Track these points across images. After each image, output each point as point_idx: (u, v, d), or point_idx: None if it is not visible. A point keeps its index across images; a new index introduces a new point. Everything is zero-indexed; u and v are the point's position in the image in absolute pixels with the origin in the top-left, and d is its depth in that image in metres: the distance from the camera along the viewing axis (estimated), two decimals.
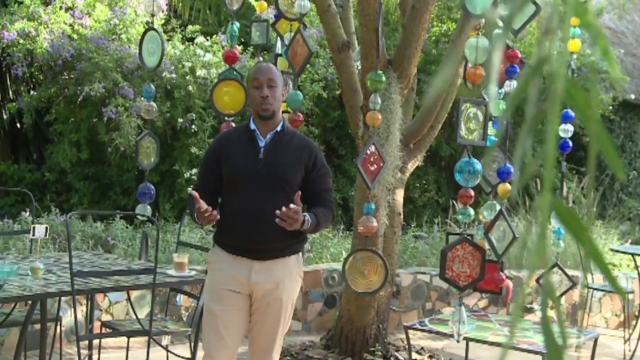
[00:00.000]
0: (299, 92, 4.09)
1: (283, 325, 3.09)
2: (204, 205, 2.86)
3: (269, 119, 3.07)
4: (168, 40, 7.23)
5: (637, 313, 6.48)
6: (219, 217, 2.91)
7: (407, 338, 4.23)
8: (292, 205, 2.81)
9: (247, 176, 3.00)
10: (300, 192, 2.90)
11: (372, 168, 3.81)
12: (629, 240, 8.04)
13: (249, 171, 3.00)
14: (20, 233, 5.57)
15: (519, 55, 3.99)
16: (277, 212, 2.81)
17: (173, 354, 4.06)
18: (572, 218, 0.54)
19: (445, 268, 3.69)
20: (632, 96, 10.90)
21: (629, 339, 5.83)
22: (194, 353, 3.86)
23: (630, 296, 6.52)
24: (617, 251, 5.97)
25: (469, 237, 3.75)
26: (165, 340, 4.13)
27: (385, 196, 4.27)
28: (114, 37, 7.22)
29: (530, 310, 6.41)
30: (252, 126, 3.09)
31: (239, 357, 3.20)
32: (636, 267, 5.90)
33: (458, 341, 3.77)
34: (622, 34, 11.74)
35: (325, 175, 3.12)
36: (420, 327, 4.19)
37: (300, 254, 3.13)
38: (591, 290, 6.08)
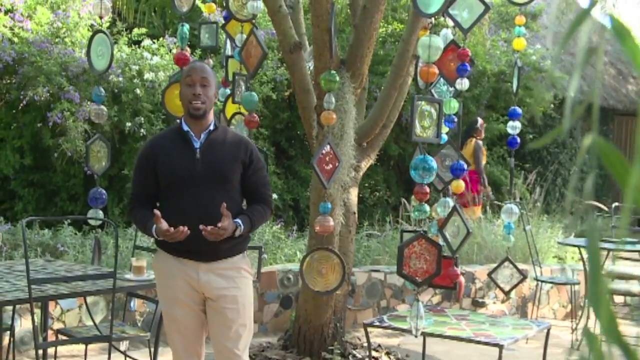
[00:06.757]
0: (254, 93, 4.09)
1: (244, 321, 3.06)
2: (165, 225, 2.86)
3: (199, 118, 3.02)
4: (114, 43, 7.11)
5: (582, 304, 6.67)
6: (189, 232, 2.87)
7: (367, 335, 4.26)
8: (209, 228, 2.84)
9: (186, 178, 2.97)
10: (225, 204, 2.88)
11: (328, 167, 3.83)
12: (572, 234, 8.28)
13: (187, 173, 2.97)
14: None
15: (469, 53, 4.08)
16: (204, 227, 2.84)
17: (132, 359, 4.00)
18: (617, 159, 0.55)
19: (403, 264, 3.74)
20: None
21: (576, 329, 6.02)
22: (154, 359, 3.81)
23: (577, 287, 6.71)
24: (564, 244, 6.15)
25: (424, 233, 3.81)
26: (123, 345, 4.07)
27: (341, 195, 4.30)
28: (57, 40, 7.07)
29: (482, 305, 6.54)
30: (185, 127, 3.05)
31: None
32: (582, 259, 6.08)
33: (416, 336, 3.82)
34: (560, 33, 12.08)
35: (262, 169, 3.14)
36: (379, 324, 4.23)
37: (245, 252, 3.14)
38: (540, 282, 6.25)
